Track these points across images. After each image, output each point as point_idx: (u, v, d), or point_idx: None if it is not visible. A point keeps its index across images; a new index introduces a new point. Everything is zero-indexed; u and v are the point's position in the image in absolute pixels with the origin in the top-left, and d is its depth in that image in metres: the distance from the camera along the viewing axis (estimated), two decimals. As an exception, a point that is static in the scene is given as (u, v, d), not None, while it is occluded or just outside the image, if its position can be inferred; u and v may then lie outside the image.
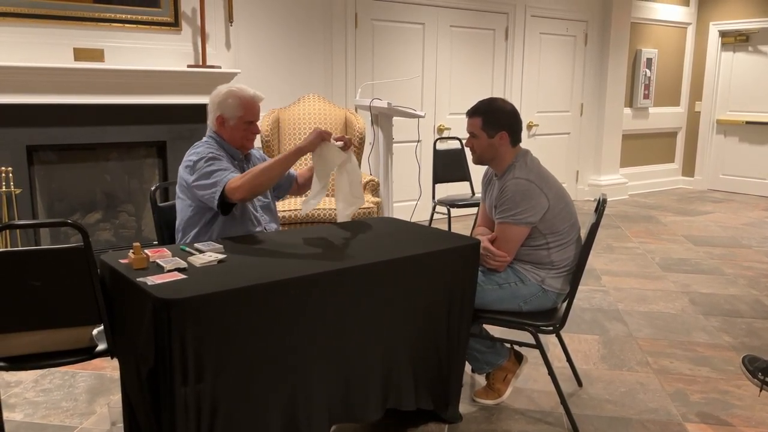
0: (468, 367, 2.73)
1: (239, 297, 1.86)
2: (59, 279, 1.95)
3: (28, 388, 2.83)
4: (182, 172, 2.55)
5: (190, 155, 2.54)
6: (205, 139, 2.64)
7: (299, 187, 2.92)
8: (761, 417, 2.66)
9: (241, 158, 2.66)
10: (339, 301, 2.08)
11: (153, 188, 2.75)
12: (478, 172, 3.00)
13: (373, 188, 4.39)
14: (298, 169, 3.02)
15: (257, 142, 3.77)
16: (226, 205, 2.44)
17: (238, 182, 2.37)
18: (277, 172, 2.42)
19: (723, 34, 8.03)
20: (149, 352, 1.80)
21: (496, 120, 2.56)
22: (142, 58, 4.27)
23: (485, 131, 2.57)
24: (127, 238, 4.54)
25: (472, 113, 2.61)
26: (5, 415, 2.59)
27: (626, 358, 3.21)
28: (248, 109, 2.58)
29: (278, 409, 2.01)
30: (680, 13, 8.04)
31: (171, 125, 4.44)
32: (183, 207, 2.58)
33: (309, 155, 2.55)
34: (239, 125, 2.58)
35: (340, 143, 2.53)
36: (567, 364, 2.92)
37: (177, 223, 2.62)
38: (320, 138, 2.45)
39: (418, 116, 4.29)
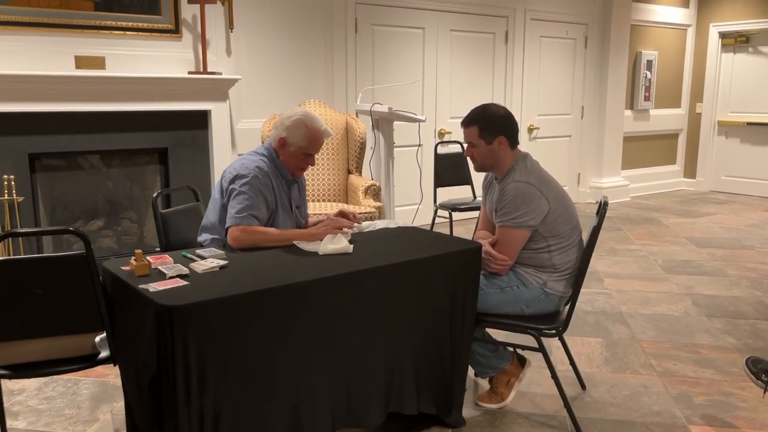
0: (471, 371, 2.73)
1: (241, 303, 1.86)
2: (61, 287, 1.96)
3: (31, 396, 2.83)
4: (227, 174, 2.53)
5: (239, 166, 2.51)
6: (261, 150, 2.61)
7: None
8: (765, 418, 2.65)
9: (289, 179, 2.64)
10: (341, 305, 2.08)
11: (155, 195, 2.75)
12: (479, 175, 3.00)
13: (375, 193, 4.40)
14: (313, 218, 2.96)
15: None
16: None
17: (239, 234, 2.38)
18: (279, 244, 2.42)
19: (723, 35, 8.04)
20: (151, 359, 1.80)
21: (492, 126, 2.56)
22: (143, 65, 4.28)
23: (483, 139, 2.57)
24: (130, 244, 4.54)
25: (467, 122, 2.61)
26: (8, 423, 2.59)
27: (630, 360, 3.20)
28: (313, 142, 2.57)
29: (281, 414, 2.00)
30: (680, 15, 8.05)
31: (172, 132, 4.45)
32: (218, 207, 2.55)
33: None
34: (298, 154, 2.57)
35: (347, 231, 2.50)
36: (570, 368, 2.91)
37: (209, 219, 2.57)
38: (336, 230, 2.44)
39: (419, 120, 4.30)
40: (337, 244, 2.33)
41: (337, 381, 2.12)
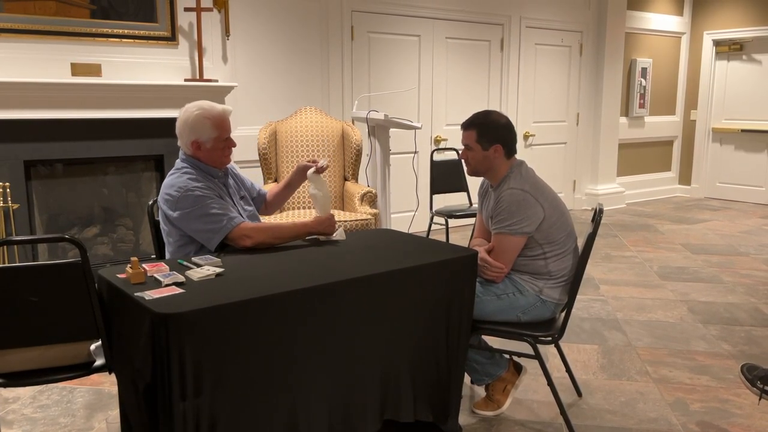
0: (467, 379, 2.73)
1: (237, 311, 1.86)
2: (57, 294, 1.95)
3: (26, 405, 2.82)
4: (162, 204, 2.48)
5: (170, 189, 2.45)
6: (180, 165, 2.53)
7: (267, 207, 2.89)
8: (761, 425, 2.66)
9: (220, 175, 2.60)
10: (337, 313, 2.08)
11: (151, 202, 2.75)
12: (475, 182, 3.02)
13: (371, 200, 4.40)
14: (271, 185, 2.99)
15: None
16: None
17: (249, 232, 2.40)
18: (287, 238, 2.49)
19: (717, 43, 8.09)
20: (147, 367, 1.80)
21: (490, 133, 2.57)
22: (140, 72, 4.28)
23: (480, 144, 2.58)
24: (125, 252, 4.54)
25: (467, 126, 2.63)
26: (3, 431, 2.58)
27: (626, 367, 3.20)
28: (222, 126, 2.51)
29: (277, 423, 2.00)
30: (674, 23, 8.10)
31: (168, 139, 4.44)
32: (167, 239, 2.52)
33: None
34: (217, 145, 2.51)
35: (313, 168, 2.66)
36: (566, 375, 2.91)
37: (171, 253, 2.53)
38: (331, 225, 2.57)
39: (415, 127, 4.31)
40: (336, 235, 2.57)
41: (333, 388, 2.12)
